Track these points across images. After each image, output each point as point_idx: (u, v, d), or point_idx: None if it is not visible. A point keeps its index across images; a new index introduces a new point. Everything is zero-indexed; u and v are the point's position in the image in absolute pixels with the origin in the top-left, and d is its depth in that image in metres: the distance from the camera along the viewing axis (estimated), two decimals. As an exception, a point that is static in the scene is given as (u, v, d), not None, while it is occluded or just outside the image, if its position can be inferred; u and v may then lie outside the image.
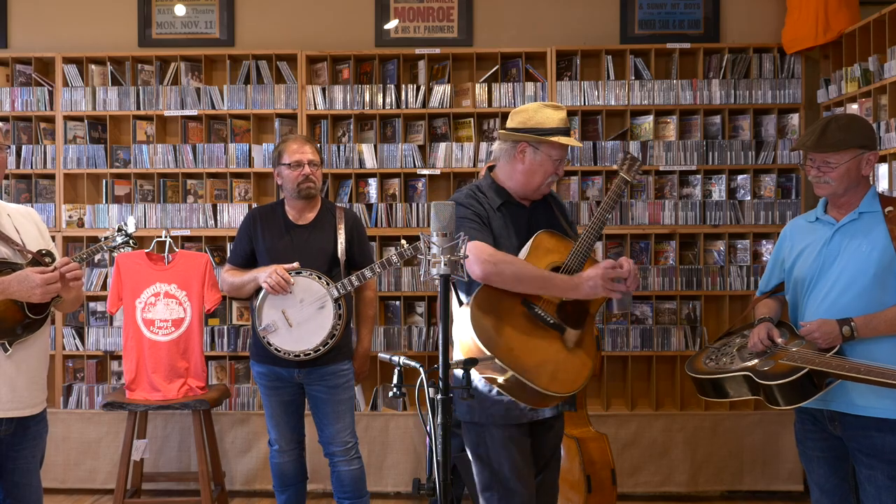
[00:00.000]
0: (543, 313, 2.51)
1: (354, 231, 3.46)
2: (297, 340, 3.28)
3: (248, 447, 4.39)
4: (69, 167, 4.51)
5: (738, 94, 4.39)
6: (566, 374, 2.46)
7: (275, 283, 3.21)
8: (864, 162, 2.49)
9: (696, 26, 4.61)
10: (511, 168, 2.64)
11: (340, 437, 3.39)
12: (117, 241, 2.97)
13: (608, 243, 4.43)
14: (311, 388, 3.38)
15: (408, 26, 4.67)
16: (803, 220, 2.72)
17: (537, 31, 4.61)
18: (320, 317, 3.27)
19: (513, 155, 2.62)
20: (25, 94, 4.53)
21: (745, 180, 4.39)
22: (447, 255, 2.14)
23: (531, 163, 2.60)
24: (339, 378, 3.38)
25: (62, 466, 4.42)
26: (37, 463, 2.60)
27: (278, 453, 3.46)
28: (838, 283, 2.48)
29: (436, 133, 4.56)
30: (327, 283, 3.29)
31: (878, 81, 3.81)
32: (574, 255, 2.55)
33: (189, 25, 4.72)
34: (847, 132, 2.46)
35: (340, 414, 3.38)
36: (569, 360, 2.49)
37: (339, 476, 3.43)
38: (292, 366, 3.33)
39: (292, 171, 3.34)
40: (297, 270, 3.28)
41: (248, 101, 4.50)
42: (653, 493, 4.31)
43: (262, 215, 3.47)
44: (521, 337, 2.47)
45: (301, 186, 3.34)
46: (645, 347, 4.34)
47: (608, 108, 4.43)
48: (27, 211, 2.69)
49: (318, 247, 3.37)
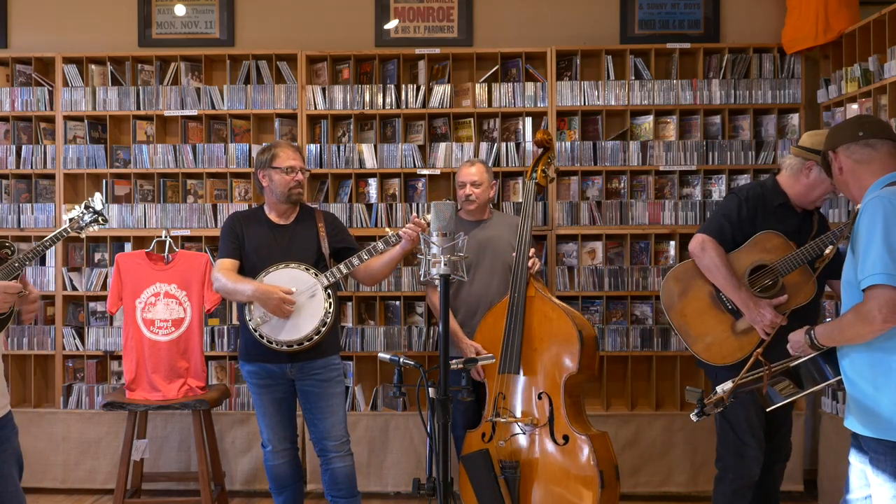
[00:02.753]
0: (726, 298, 3.12)
1: (334, 225, 3.54)
2: (289, 330, 3.29)
3: (248, 447, 4.39)
4: (69, 167, 4.51)
5: (738, 95, 4.39)
6: (720, 349, 3.13)
7: (276, 306, 3.25)
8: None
9: (696, 26, 4.61)
10: (794, 180, 3.11)
11: (334, 431, 3.39)
12: (86, 220, 2.95)
13: (608, 243, 4.43)
14: (303, 384, 3.39)
15: (408, 26, 4.67)
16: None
17: (537, 31, 4.61)
18: (311, 305, 3.30)
19: (799, 170, 3.08)
20: (25, 94, 4.53)
21: (745, 180, 4.39)
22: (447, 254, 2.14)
23: (814, 180, 3.05)
24: (330, 371, 3.39)
25: (62, 466, 4.43)
26: (11, 468, 2.46)
27: (272, 454, 3.46)
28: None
29: (436, 133, 4.56)
30: (315, 274, 3.34)
31: (878, 81, 3.81)
32: (785, 261, 3.05)
33: (189, 25, 4.72)
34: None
35: (333, 408, 3.40)
36: (729, 339, 3.13)
37: (332, 473, 3.42)
38: (284, 360, 3.34)
39: (285, 176, 3.41)
40: (286, 264, 3.34)
41: (248, 101, 4.50)
42: (653, 494, 4.31)
43: (244, 217, 3.52)
44: (697, 309, 3.21)
45: (293, 191, 3.43)
46: (645, 347, 4.34)
47: (608, 108, 4.43)
48: None
49: (302, 243, 3.43)
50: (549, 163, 3.77)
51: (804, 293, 3.04)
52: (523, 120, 4.48)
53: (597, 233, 4.40)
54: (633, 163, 4.41)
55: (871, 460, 2.26)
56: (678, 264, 3.32)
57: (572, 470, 3.26)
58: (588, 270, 4.37)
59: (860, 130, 2.38)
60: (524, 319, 3.44)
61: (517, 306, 3.46)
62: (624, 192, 4.45)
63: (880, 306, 2.13)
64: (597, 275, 4.37)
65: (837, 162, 2.42)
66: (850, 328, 2.25)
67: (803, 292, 3.03)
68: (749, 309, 3.05)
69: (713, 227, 3.16)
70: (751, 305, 3.04)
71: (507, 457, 3.35)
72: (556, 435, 3.31)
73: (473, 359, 2.54)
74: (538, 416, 3.36)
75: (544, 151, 3.77)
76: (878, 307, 2.14)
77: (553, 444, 3.31)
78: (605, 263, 4.41)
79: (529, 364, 3.42)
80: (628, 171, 4.43)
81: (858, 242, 2.23)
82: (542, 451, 3.34)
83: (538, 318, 3.45)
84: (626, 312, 4.39)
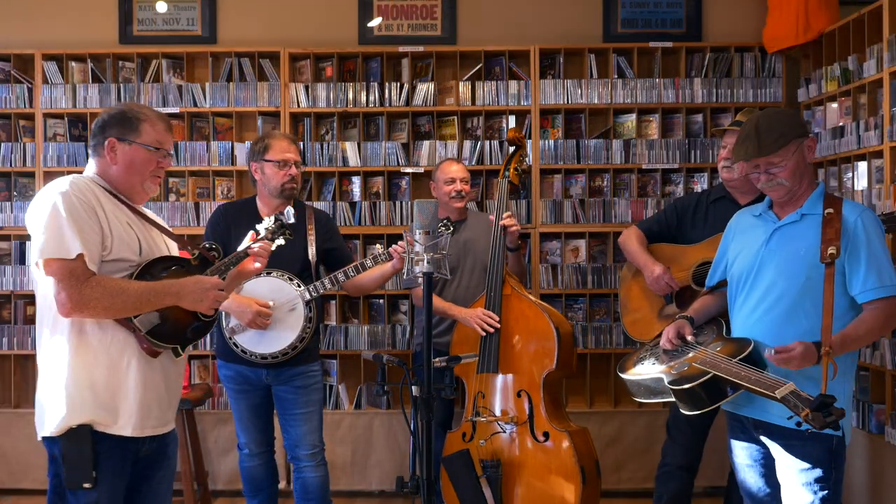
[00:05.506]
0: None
1: (327, 232, 3.38)
2: (265, 342, 3.16)
3: (231, 446, 4.36)
4: (49, 165, 4.47)
5: (719, 93, 4.41)
6: (643, 326, 3.41)
7: (250, 321, 3.11)
8: (807, 149, 2.39)
9: (679, 25, 4.63)
10: (728, 171, 3.25)
11: (307, 439, 3.25)
12: (278, 240, 2.65)
13: (591, 241, 4.45)
14: (279, 389, 3.26)
15: (391, 24, 4.67)
16: (749, 214, 2.59)
17: (521, 29, 4.61)
18: (290, 319, 3.17)
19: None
20: (4, 91, 4.48)
21: (727, 178, 4.42)
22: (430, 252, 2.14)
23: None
24: (307, 378, 3.26)
25: (43, 467, 4.29)
26: (169, 488, 2.39)
27: (248, 457, 3.35)
28: (770, 294, 2.38)
29: (419, 131, 4.56)
30: (298, 286, 3.19)
31: (858, 80, 3.85)
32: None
33: (170, 22, 4.68)
34: (781, 126, 2.36)
35: (308, 416, 3.25)
36: (653, 320, 3.39)
37: (304, 483, 3.28)
38: (259, 366, 3.21)
39: (279, 170, 3.24)
40: (268, 272, 3.16)
41: (230, 99, 4.47)
42: (636, 490, 4.33)
43: (232, 213, 3.35)
44: (642, 287, 3.44)
45: (286, 186, 3.25)
46: (628, 345, 4.36)
47: (591, 106, 4.44)
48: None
49: (288, 249, 3.16)
50: (522, 160, 3.77)
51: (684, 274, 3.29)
52: (507, 118, 4.49)
53: (580, 231, 4.42)
54: (616, 161, 4.42)
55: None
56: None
57: (553, 466, 3.27)
58: (571, 268, 4.39)
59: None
60: (501, 318, 3.43)
61: (493, 305, 3.45)
62: (607, 191, 4.47)
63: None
64: (580, 273, 4.39)
65: (812, 150, 2.42)
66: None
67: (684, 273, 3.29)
68: (646, 268, 3.33)
69: (644, 222, 3.58)
70: (648, 264, 3.33)
71: (488, 456, 3.35)
72: (536, 432, 3.31)
73: (457, 357, 2.54)
74: (518, 414, 3.36)
75: (516, 149, 3.76)
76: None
77: (533, 441, 3.32)
78: (588, 261, 4.42)
79: (508, 362, 3.41)
80: (611, 170, 4.45)
81: (871, 251, 2.31)
82: (522, 449, 3.34)
83: (515, 315, 3.44)
84: (609, 310, 4.41)
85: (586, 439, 3.39)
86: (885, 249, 2.34)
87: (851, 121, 3.90)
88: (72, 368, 2.14)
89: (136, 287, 2.15)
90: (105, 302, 2.09)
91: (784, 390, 2.07)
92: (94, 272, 2.11)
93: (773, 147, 2.33)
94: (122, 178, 2.29)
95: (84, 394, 2.13)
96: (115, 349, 2.17)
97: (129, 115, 2.28)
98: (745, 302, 2.46)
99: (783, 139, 2.33)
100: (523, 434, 3.34)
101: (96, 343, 2.16)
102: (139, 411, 2.19)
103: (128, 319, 2.16)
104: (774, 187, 2.40)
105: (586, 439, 3.39)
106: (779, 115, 2.42)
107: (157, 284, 2.19)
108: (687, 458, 3.34)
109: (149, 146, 2.29)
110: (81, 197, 2.14)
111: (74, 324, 2.14)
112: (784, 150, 2.34)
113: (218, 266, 2.37)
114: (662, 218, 3.49)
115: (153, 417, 2.23)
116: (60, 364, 2.15)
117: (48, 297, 2.14)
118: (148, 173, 2.31)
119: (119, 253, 2.19)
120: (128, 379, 2.18)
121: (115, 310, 2.12)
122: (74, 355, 2.14)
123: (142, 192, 2.35)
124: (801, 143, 2.38)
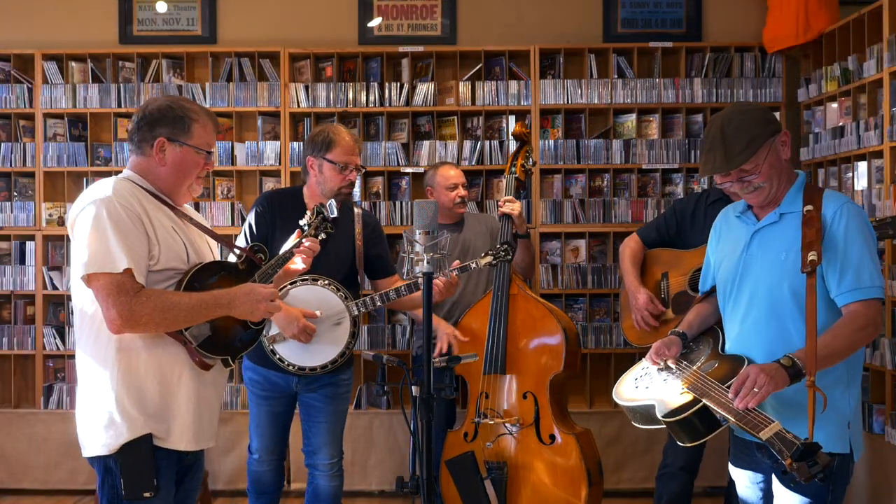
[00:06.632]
0: (666, 286, 3.34)
1: (374, 238, 3.24)
2: (307, 355, 3.01)
3: (231, 446, 4.37)
4: (49, 165, 4.46)
5: (719, 93, 4.41)
6: (641, 332, 3.35)
7: (294, 335, 2.96)
8: (780, 146, 2.17)
9: (679, 25, 4.63)
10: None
11: (328, 449, 3.14)
12: (321, 234, 2.61)
13: (591, 241, 4.44)
14: (306, 396, 3.12)
15: (391, 24, 4.67)
16: (732, 213, 2.35)
17: (521, 29, 4.61)
18: (335, 333, 3.02)
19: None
20: (4, 91, 4.48)
21: (727, 178, 4.42)
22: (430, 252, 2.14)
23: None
24: (338, 388, 3.13)
25: (43, 467, 4.38)
26: (197, 492, 2.35)
27: (257, 462, 3.24)
28: (754, 305, 2.19)
29: (419, 131, 4.56)
30: (345, 297, 3.04)
31: (858, 80, 3.85)
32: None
33: (170, 22, 4.68)
34: (749, 131, 2.12)
35: (332, 425, 3.14)
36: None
37: (316, 489, 3.18)
38: (292, 374, 3.07)
39: (338, 173, 3.05)
40: (315, 278, 3.01)
41: (230, 99, 4.47)
42: (636, 490, 4.32)
43: (279, 205, 3.13)
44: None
45: (343, 191, 3.09)
46: (628, 345, 4.35)
47: (591, 106, 4.44)
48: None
49: (336, 252, 3.08)
50: (528, 156, 3.76)
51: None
52: (507, 118, 4.49)
53: (580, 231, 4.42)
54: (616, 161, 4.42)
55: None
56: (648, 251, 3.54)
57: (560, 469, 3.26)
58: (571, 268, 4.39)
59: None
60: (508, 318, 3.42)
61: (500, 305, 3.43)
62: (607, 191, 4.47)
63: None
64: (580, 273, 4.39)
65: (787, 145, 2.20)
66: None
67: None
68: (631, 292, 3.33)
69: (643, 229, 3.54)
70: (632, 289, 3.33)
71: (493, 457, 3.35)
72: (542, 434, 3.30)
73: (457, 357, 2.54)
74: (524, 416, 3.34)
75: (522, 145, 3.76)
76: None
77: (539, 443, 3.31)
78: (588, 261, 4.42)
79: (514, 363, 3.40)
80: (611, 170, 4.45)
81: (848, 249, 2.08)
82: (528, 451, 3.33)
83: (522, 316, 3.43)
84: (609, 310, 4.41)
85: (590, 441, 3.38)
86: (867, 246, 2.10)
87: (851, 121, 3.90)
88: (120, 384, 2.06)
89: (188, 300, 2.06)
90: (156, 317, 2.01)
91: (769, 431, 1.86)
92: (142, 285, 2.03)
93: (742, 157, 2.11)
94: (169, 179, 2.18)
95: (136, 410, 2.06)
96: (166, 361, 2.10)
97: (180, 114, 2.16)
98: (733, 311, 2.28)
99: (752, 146, 2.11)
100: (529, 436, 3.33)
101: (146, 356, 2.08)
102: (193, 425, 2.13)
103: (179, 332, 2.09)
104: (753, 193, 2.18)
105: (590, 441, 3.38)
106: (743, 117, 2.16)
107: (207, 296, 2.10)
108: (688, 460, 3.34)
109: (199, 149, 2.19)
110: (126, 204, 2.04)
111: (123, 337, 2.06)
112: (755, 157, 2.11)
113: (265, 270, 2.29)
114: (662, 224, 3.48)
115: (205, 431, 2.19)
116: (107, 379, 2.07)
117: (88, 310, 2.07)
118: (194, 175, 2.22)
119: (167, 262, 2.10)
120: (179, 392, 2.11)
121: (166, 324, 2.04)
122: (122, 370, 2.07)
123: (186, 193, 2.25)
124: (773, 143, 2.15)
